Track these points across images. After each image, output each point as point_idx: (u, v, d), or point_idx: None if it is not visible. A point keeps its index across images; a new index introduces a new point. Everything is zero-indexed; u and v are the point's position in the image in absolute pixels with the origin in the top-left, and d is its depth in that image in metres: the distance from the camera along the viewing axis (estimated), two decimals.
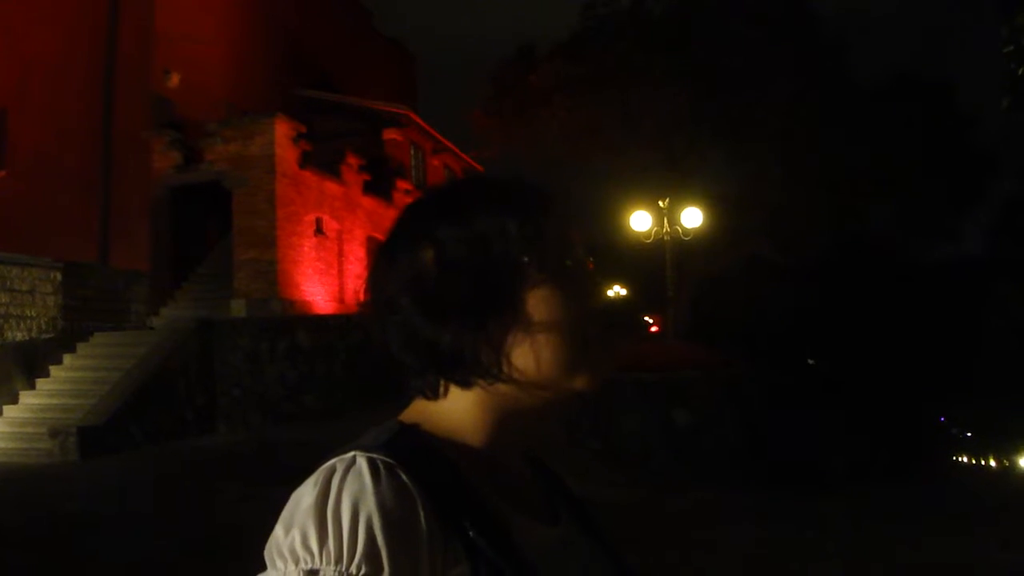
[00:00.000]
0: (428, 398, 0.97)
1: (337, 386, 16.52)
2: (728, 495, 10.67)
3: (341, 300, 19.87)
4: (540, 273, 0.92)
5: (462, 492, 0.86)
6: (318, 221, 19.29)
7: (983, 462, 23.53)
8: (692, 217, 16.47)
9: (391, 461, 0.84)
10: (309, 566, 0.79)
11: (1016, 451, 22.18)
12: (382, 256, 1.00)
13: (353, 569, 0.78)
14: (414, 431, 0.93)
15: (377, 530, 0.78)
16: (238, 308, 17.23)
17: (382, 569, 0.78)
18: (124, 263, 16.78)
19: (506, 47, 24.76)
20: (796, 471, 12.31)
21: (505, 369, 0.91)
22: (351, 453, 0.86)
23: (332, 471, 0.84)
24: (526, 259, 0.92)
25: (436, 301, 0.92)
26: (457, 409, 0.96)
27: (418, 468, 0.84)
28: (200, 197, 18.18)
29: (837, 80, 21.49)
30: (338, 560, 0.78)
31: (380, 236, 19.10)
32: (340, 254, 20.19)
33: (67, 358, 14.73)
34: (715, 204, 18.39)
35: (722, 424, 12.98)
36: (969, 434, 25.17)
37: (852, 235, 22.59)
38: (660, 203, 16.74)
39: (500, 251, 0.92)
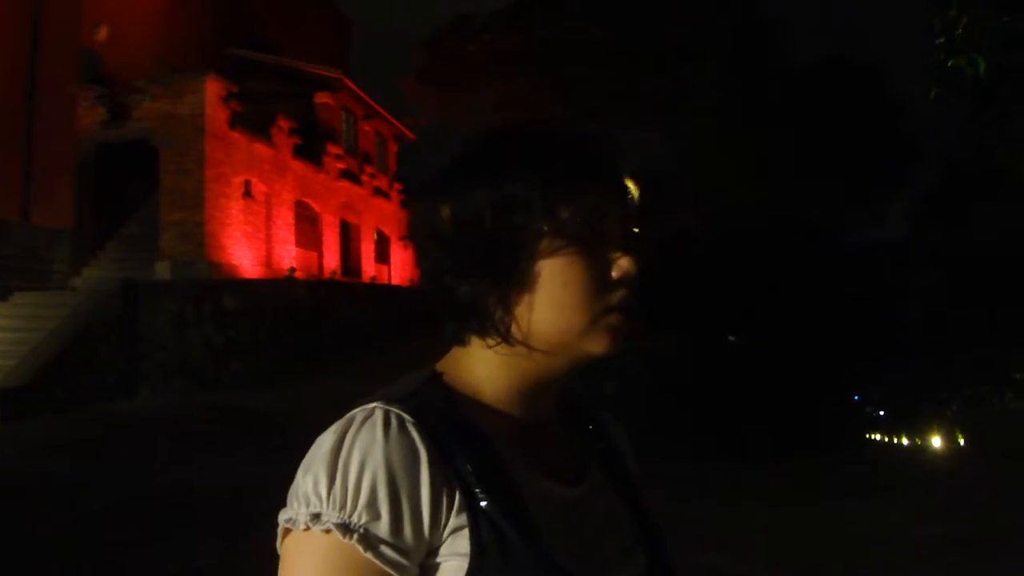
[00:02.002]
0: (457, 344, 1.01)
1: (263, 352, 16.40)
2: (654, 466, 10.89)
3: (268, 264, 19.68)
4: (560, 240, 0.93)
5: (473, 448, 0.90)
6: (247, 183, 19.03)
7: (895, 440, 24.29)
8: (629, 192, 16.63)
9: (405, 415, 0.88)
10: (316, 510, 0.85)
11: (927, 431, 22.94)
12: (416, 199, 1.04)
13: (355, 517, 0.83)
14: (440, 382, 0.97)
15: (380, 483, 0.84)
16: (163, 270, 16.95)
17: (379, 518, 0.83)
18: (46, 221, 16.39)
19: (445, 14, 24.62)
20: (718, 444, 12.59)
21: (514, 330, 0.94)
22: (373, 404, 0.90)
23: (351, 421, 0.88)
24: (546, 228, 0.93)
25: (452, 255, 0.95)
26: (482, 363, 0.99)
27: (432, 423, 0.89)
28: (126, 155, 17.79)
29: (772, 58, 21.79)
30: (342, 507, 0.84)
31: (309, 200, 18.92)
32: (268, 218, 19.96)
33: None
34: (645, 179, 18.55)
35: (647, 396, 13.21)
36: (882, 413, 25.92)
37: (778, 213, 23.00)
38: None
39: (520, 219, 0.93)
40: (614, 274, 0.96)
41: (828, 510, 8.78)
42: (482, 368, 0.99)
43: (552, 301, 0.93)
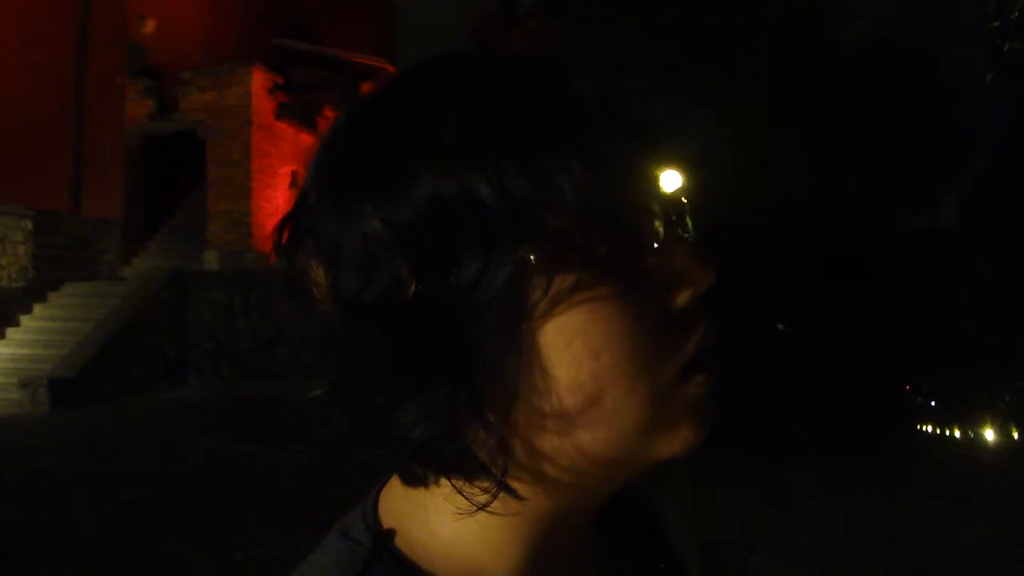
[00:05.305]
0: (415, 486, 0.55)
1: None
2: (695, 459, 10.76)
3: None
4: (567, 273, 0.48)
5: None
6: (293, 174, 19.11)
7: (947, 432, 23.93)
8: (671, 180, 16.45)
9: None
10: None
11: (980, 422, 22.54)
12: (278, 259, 0.58)
13: None
14: (389, 562, 0.53)
15: None
16: (211, 260, 17.11)
17: None
18: (96, 212, 16.57)
19: (491, 1, 24.54)
20: (763, 437, 12.43)
21: (517, 465, 0.51)
22: None
23: None
24: (531, 257, 0.47)
25: (359, 362, 0.51)
26: (460, 520, 0.54)
27: None
28: (174, 146, 18.00)
29: (819, 44, 21.50)
30: None
31: None
32: None
33: (38, 308, 14.58)
34: (691, 167, 18.37)
35: None
36: (933, 403, 25.52)
37: (827, 201, 22.72)
38: None
39: (471, 260, 0.47)
40: (677, 299, 0.53)
41: (875, 509, 8.60)
42: (458, 527, 0.54)
43: (580, 392, 0.49)
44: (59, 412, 11.71)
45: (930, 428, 24.92)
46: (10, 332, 13.97)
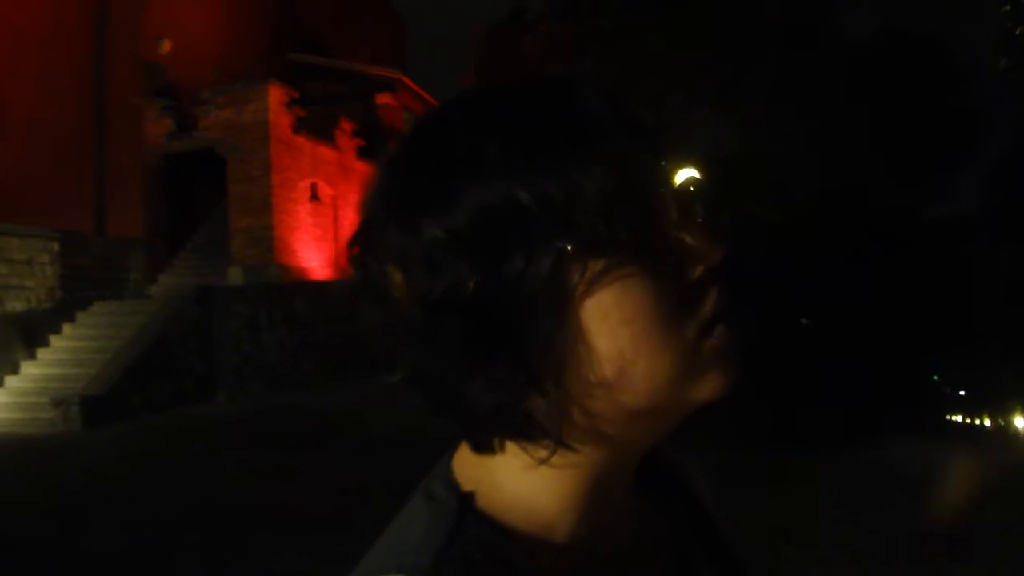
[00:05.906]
0: (482, 452, 0.65)
1: (336, 352, 16.59)
2: (730, 456, 10.74)
3: (338, 266, 19.91)
4: (603, 258, 0.58)
5: None
6: (313, 187, 19.27)
7: (977, 421, 23.67)
8: (683, 173, 16.48)
9: None
10: None
11: (1011, 410, 22.30)
12: (352, 263, 0.66)
13: None
14: (476, 520, 0.64)
15: None
16: (235, 275, 17.26)
17: None
18: (120, 232, 16.78)
19: (500, 9, 24.64)
20: (789, 431, 12.40)
21: (572, 424, 0.61)
22: None
23: None
24: (569, 247, 0.57)
25: (432, 347, 0.60)
26: (525, 477, 0.65)
27: None
28: (194, 164, 18.15)
29: (830, 34, 21.43)
30: None
31: None
32: (335, 220, 20.19)
33: (67, 328, 14.76)
34: (708, 164, 18.37)
35: None
36: (963, 392, 25.26)
37: (844, 193, 22.61)
38: None
39: (519, 253, 0.57)
40: (693, 271, 0.63)
41: (907, 502, 8.57)
42: (527, 484, 0.65)
43: (618, 356, 0.59)
44: (91, 430, 11.85)
45: (960, 418, 24.66)
46: (41, 352, 14.18)
